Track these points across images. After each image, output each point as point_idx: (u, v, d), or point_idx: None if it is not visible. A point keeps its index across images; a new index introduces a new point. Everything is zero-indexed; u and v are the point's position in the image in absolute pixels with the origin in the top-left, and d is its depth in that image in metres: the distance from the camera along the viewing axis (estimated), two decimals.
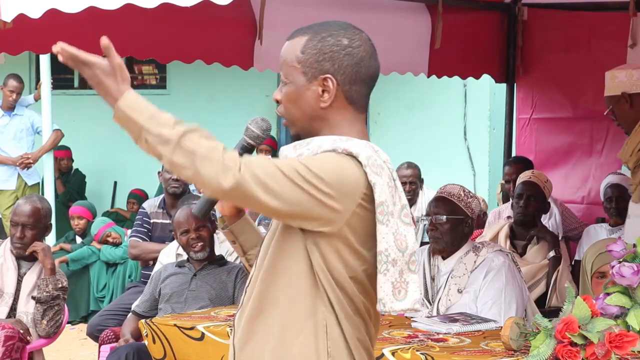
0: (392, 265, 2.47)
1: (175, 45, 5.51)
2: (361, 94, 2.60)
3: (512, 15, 7.16)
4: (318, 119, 2.58)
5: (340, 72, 2.55)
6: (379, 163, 2.51)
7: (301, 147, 2.55)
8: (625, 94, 4.83)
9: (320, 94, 2.56)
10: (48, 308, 5.37)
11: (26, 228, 5.46)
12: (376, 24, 6.32)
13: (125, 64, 2.52)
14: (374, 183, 2.46)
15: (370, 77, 2.61)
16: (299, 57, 2.57)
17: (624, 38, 6.45)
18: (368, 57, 2.60)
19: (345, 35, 2.58)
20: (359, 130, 2.61)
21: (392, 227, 2.47)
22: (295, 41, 2.59)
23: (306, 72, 2.56)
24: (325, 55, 2.55)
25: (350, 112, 2.59)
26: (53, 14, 3.37)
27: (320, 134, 2.58)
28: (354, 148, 2.48)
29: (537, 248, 5.85)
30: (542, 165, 7.36)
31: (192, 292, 5.22)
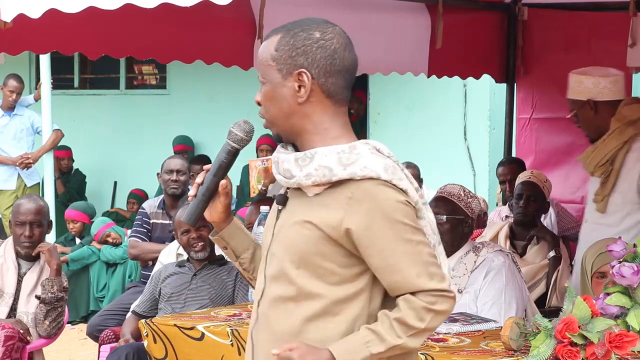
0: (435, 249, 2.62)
1: (175, 45, 5.50)
2: (338, 87, 2.59)
3: (512, 15, 7.16)
4: (297, 115, 2.58)
5: (314, 65, 2.55)
6: (392, 166, 2.53)
7: (306, 165, 2.54)
8: (590, 101, 4.87)
9: (297, 90, 2.56)
10: (52, 309, 5.37)
11: (34, 226, 5.46)
12: (376, 24, 6.32)
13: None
14: (405, 189, 2.52)
15: (346, 68, 2.59)
16: (273, 55, 2.58)
17: (624, 38, 6.45)
18: (342, 49, 2.58)
19: (318, 29, 2.58)
20: (341, 124, 2.61)
21: (426, 218, 2.60)
22: (270, 40, 2.61)
23: (281, 69, 2.57)
24: (298, 50, 2.55)
25: (329, 106, 2.59)
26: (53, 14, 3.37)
27: (302, 131, 2.58)
28: (370, 167, 2.50)
29: (537, 248, 5.85)
30: (542, 165, 7.36)
31: (192, 292, 5.22)
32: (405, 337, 2.49)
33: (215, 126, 11.87)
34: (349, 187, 2.50)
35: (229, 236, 2.83)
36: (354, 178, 2.48)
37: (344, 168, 2.49)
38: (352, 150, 2.53)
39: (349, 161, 2.50)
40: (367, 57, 6.42)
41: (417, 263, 2.51)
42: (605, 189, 4.85)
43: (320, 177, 2.50)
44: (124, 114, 12.28)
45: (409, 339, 2.49)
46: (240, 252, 2.85)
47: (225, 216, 2.80)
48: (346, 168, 2.49)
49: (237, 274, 5.23)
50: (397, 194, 2.51)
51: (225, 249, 2.86)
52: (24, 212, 5.47)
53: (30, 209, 5.48)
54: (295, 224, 2.56)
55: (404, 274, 2.50)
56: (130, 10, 3.53)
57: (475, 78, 7.36)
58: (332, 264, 2.53)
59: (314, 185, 2.53)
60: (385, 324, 2.49)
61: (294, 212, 2.59)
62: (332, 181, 2.50)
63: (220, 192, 2.71)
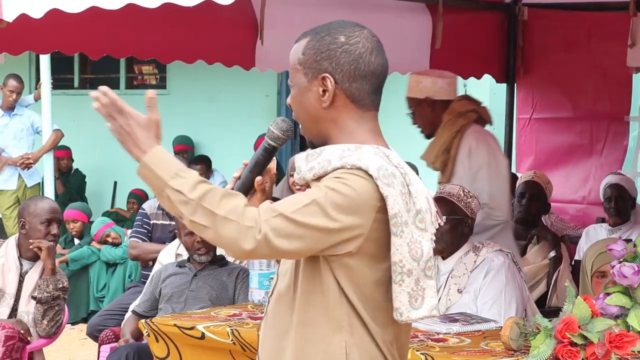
0: (408, 276, 2.48)
1: (176, 45, 5.51)
2: (363, 91, 2.57)
3: (513, 15, 7.17)
4: (324, 120, 2.57)
5: (339, 70, 2.54)
6: (390, 171, 2.49)
7: (312, 160, 2.55)
8: (428, 99, 5.18)
9: (321, 94, 2.55)
10: (49, 308, 5.37)
11: (59, 224, 5.58)
12: (376, 24, 6.25)
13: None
14: (386, 196, 2.45)
15: (371, 73, 2.57)
16: (300, 59, 2.58)
17: (624, 38, 6.46)
18: (368, 53, 2.56)
19: (343, 32, 2.56)
20: (368, 129, 2.60)
21: (406, 237, 2.47)
22: (299, 44, 2.61)
23: (307, 73, 2.57)
24: (323, 54, 2.55)
25: (354, 110, 2.57)
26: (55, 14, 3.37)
27: (330, 136, 2.58)
28: (364, 161, 2.46)
29: (538, 248, 5.85)
30: (543, 165, 7.37)
31: (193, 293, 5.22)
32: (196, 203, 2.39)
33: (215, 126, 11.88)
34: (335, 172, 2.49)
35: None
36: (344, 167, 2.47)
37: (340, 159, 2.49)
38: (357, 148, 2.52)
39: (347, 155, 2.50)
40: None
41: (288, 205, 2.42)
42: (445, 176, 5.16)
43: (319, 169, 2.51)
44: None
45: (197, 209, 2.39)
46: None
47: None
48: (342, 159, 2.49)
49: (237, 275, 5.23)
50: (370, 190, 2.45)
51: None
52: (49, 210, 5.54)
53: (54, 207, 5.59)
54: None
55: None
56: (132, 11, 3.54)
57: (476, 78, 7.36)
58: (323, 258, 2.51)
59: (314, 178, 2.53)
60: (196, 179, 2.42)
61: None
62: (327, 172, 2.50)
63: (256, 188, 2.71)
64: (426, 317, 2.52)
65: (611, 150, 7.16)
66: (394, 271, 2.48)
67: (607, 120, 7.17)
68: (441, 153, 5.16)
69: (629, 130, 7.19)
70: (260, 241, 2.38)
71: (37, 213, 5.51)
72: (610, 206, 6.46)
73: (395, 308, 2.49)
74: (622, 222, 6.46)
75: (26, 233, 5.50)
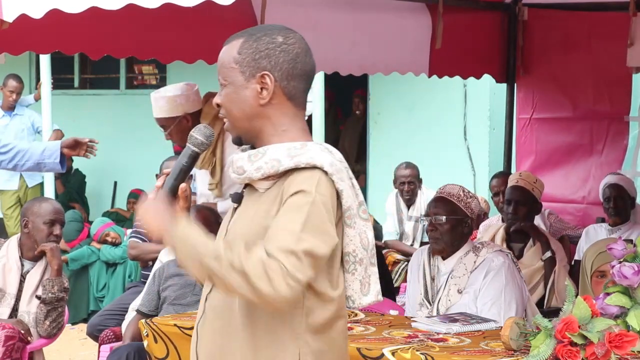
0: (360, 265, 2.62)
1: (176, 45, 5.51)
2: (299, 90, 2.65)
3: (513, 15, 7.17)
4: (259, 117, 2.63)
5: (277, 69, 2.61)
6: (338, 166, 2.58)
7: (257, 160, 2.59)
8: (187, 115, 5.41)
9: (259, 92, 2.62)
10: (52, 309, 5.38)
11: (62, 225, 5.58)
12: (376, 24, 6.33)
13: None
14: (341, 190, 2.56)
15: (306, 73, 2.66)
16: (236, 58, 2.63)
17: (624, 38, 6.46)
18: (303, 54, 2.65)
19: (280, 33, 2.64)
20: (300, 127, 2.67)
21: (357, 228, 2.60)
22: (232, 44, 2.66)
23: (244, 71, 2.62)
24: (262, 53, 2.61)
25: (290, 108, 2.65)
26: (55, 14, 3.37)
27: (262, 132, 2.64)
28: (317, 159, 2.54)
29: (534, 250, 5.84)
30: (542, 165, 7.37)
31: (196, 297, 5.20)
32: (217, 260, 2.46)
33: None
34: (292, 176, 2.55)
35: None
36: (298, 166, 2.54)
37: (291, 159, 2.55)
38: (302, 146, 2.59)
39: (297, 153, 2.56)
40: (368, 57, 6.45)
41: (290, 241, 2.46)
42: (215, 177, 5.45)
43: (268, 169, 2.57)
44: (124, 114, 12.28)
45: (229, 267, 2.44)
46: None
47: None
48: (293, 158, 2.55)
49: None
50: (328, 189, 2.53)
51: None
52: (53, 211, 5.55)
53: (58, 208, 5.61)
54: (245, 219, 2.63)
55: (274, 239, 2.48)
56: (132, 11, 3.54)
57: (476, 78, 7.37)
58: None
59: (263, 177, 2.58)
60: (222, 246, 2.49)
61: (246, 209, 2.66)
62: (279, 172, 2.56)
63: (179, 196, 2.74)
64: (374, 302, 2.64)
65: (611, 150, 7.16)
66: (346, 261, 2.61)
67: (607, 120, 7.17)
68: (208, 156, 5.43)
69: (628, 130, 7.19)
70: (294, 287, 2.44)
71: (41, 213, 5.53)
72: (610, 206, 6.46)
73: (348, 296, 2.64)
74: (621, 222, 6.46)
75: (29, 232, 5.51)
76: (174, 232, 2.53)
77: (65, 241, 9.24)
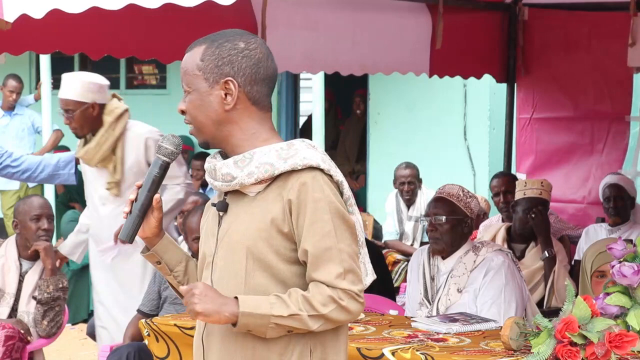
0: (362, 248, 2.70)
1: (177, 45, 5.46)
2: (263, 94, 2.67)
3: (513, 15, 7.18)
4: (225, 122, 2.65)
5: (240, 74, 2.63)
6: (328, 160, 2.64)
7: (246, 166, 2.61)
8: (95, 104, 5.52)
9: (224, 97, 2.64)
10: (49, 309, 5.38)
11: (49, 219, 5.55)
12: (377, 24, 6.33)
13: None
14: (340, 182, 2.64)
15: (269, 77, 2.68)
16: (199, 65, 2.65)
17: (624, 38, 6.46)
18: (265, 59, 2.67)
19: (241, 39, 2.66)
20: (269, 128, 2.69)
21: (356, 214, 2.68)
22: (194, 51, 2.67)
23: (207, 78, 2.64)
24: (224, 59, 2.63)
25: (255, 112, 2.67)
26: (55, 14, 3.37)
27: (231, 137, 2.66)
28: (310, 158, 2.58)
29: (536, 251, 5.84)
30: (542, 165, 7.37)
31: None
32: (305, 313, 2.55)
33: None
34: (291, 178, 2.58)
35: (163, 250, 2.85)
36: (295, 169, 2.57)
37: (284, 161, 2.58)
38: (290, 146, 2.62)
39: (288, 155, 2.59)
40: (368, 57, 6.45)
41: (337, 261, 2.58)
42: (115, 175, 5.56)
43: (262, 173, 2.58)
44: None
45: (309, 318, 2.56)
46: (174, 265, 2.86)
47: (158, 231, 2.82)
48: (287, 161, 2.58)
49: None
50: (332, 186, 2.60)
51: (159, 264, 2.86)
52: (37, 206, 5.55)
53: (43, 203, 5.60)
54: (240, 226, 2.63)
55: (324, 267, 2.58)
56: (133, 11, 3.54)
57: (477, 78, 7.37)
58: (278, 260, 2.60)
59: (256, 182, 2.60)
60: (292, 296, 2.57)
61: (237, 216, 2.65)
62: (274, 175, 2.58)
63: (154, 207, 2.75)
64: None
65: (612, 150, 7.16)
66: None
67: (608, 120, 7.17)
68: (108, 154, 5.55)
69: (629, 129, 7.20)
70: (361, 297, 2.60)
71: (26, 210, 5.54)
72: (610, 206, 6.46)
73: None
74: (621, 222, 6.46)
75: (20, 232, 5.52)
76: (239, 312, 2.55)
77: None
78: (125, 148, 5.56)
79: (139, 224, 2.75)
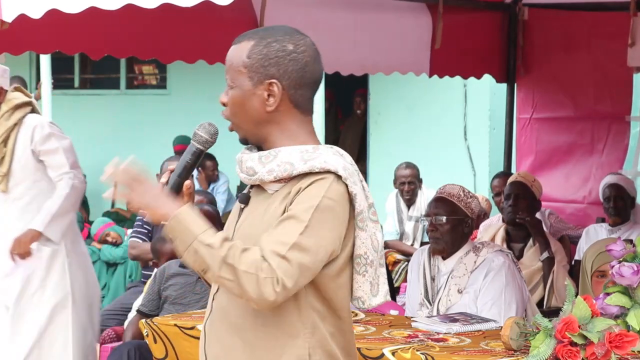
0: (370, 267, 2.62)
1: (177, 45, 5.51)
2: (306, 98, 2.65)
3: (513, 15, 7.17)
4: (265, 122, 2.63)
5: (286, 77, 2.60)
6: (351, 170, 2.59)
7: (269, 162, 2.59)
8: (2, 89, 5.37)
9: (266, 98, 2.60)
10: None
11: None
12: (377, 24, 6.33)
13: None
14: (354, 194, 2.56)
15: (314, 81, 2.66)
16: (245, 62, 2.61)
17: (624, 38, 6.46)
18: (312, 62, 2.64)
19: (291, 40, 2.62)
20: (308, 131, 2.67)
21: (368, 231, 2.60)
22: (242, 46, 2.64)
23: (252, 77, 2.61)
24: (271, 60, 2.59)
25: (296, 115, 2.64)
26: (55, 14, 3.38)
27: (270, 137, 2.63)
28: (330, 163, 2.54)
29: (534, 250, 5.83)
30: (542, 165, 7.37)
31: (197, 296, 5.20)
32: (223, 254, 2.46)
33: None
34: (304, 178, 2.55)
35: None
36: (312, 171, 2.54)
37: (304, 162, 2.55)
38: (315, 150, 2.60)
39: (310, 157, 2.57)
40: (369, 57, 6.45)
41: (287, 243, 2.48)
42: (3, 168, 5.37)
43: (281, 172, 2.56)
44: (124, 114, 12.28)
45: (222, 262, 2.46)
46: None
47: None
48: (307, 162, 2.55)
49: None
50: (343, 195, 2.54)
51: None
52: None
53: None
54: (254, 220, 2.62)
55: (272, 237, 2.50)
56: (132, 11, 3.54)
57: (477, 78, 7.37)
58: None
59: (275, 180, 2.58)
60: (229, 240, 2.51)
61: (254, 209, 2.65)
62: (292, 175, 2.56)
63: (184, 193, 2.73)
64: (382, 302, 2.66)
65: (612, 150, 7.16)
66: (357, 263, 2.61)
67: (608, 120, 7.17)
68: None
69: (629, 129, 7.20)
70: (280, 292, 2.46)
71: None
72: (610, 206, 6.46)
73: (358, 297, 2.64)
74: (621, 221, 6.46)
75: None
76: (175, 213, 2.52)
77: None
78: (17, 140, 5.40)
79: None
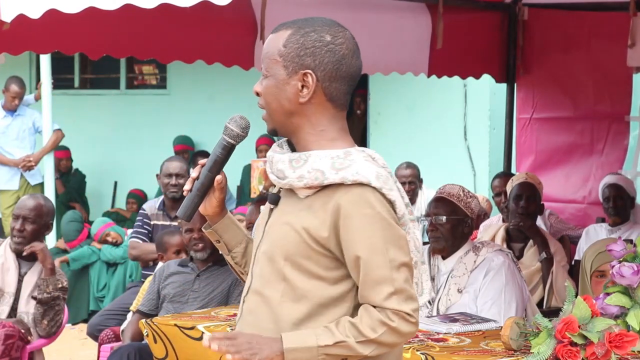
0: (415, 268, 2.60)
1: (176, 45, 5.51)
2: (341, 92, 2.60)
3: (513, 15, 7.17)
4: (296, 114, 2.59)
5: (321, 69, 2.55)
6: (384, 175, 2.55)
7: (299, 167, 2.54)
8: None
9: (300, 89, 2.57)
10: (48, 308, 5.37)
11: (27, 221, 5.49)
12: (376, 24, 6.32)
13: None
14: (393, 201, 2.53)
15: (351, 75, 2.60)
16: (281, 51, 2.58)
17: (624, 38, 6.46)
18: (350, 56, 2.59)
19: (329, 31, 2.58)
20: (339, 128, 2.63)
21: (411, 233, 2.58)
22: (279, 35, 2.60)
23: (287, 66, 2.57)
24: (307, 50, 2.55)
25: (329, 109, 2.60)
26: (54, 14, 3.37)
27: (300, 130, 2.59)
28: (362, 173, 2.50)
29: (534, 250, 5.84)
30: (542, 165, 7.37)
31: (195, 294, 5.21)
32: (353, 340, 2.48)
33: (215, 126, 11.81)
34: (339, 191, 2.51)
35: (223, 230, 2.83)
36: (344, 182, 2.49)
37: (336, 172, 2.51)
38: (346, 156, 2.55)
39: (342, 166, 2.52)
40: (368, 57, 6.39)
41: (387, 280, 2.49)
42: None
43: (312, 179, 2.52)
44: (124, 114, 12.28)
45: (358, 344, 2.48)
46: (233, 246, 2.84)
47: (220, 210, 2.80)
48: (338, 172, 2.50)
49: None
50: (384, 204, 2.52)
51: (218, 243, 2.85)
52: (20, 206, 5.55)
53: (28, 204, 5.54)
54: (284, 224, 2.57)
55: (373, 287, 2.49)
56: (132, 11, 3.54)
57: (476, 78, 7.37)
58: (317, 267, 2.54)
59: (305, 187, 2.54)
60: (340, 324, 2.50)
61: (284, 212, 2.60)
62: (323, 184, 2.51)
63: (215, 187, 2.72)
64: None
65: (612, 150, 7.16)
66: None
67: (608, 120, 7.17)
68: None
69: (629, 130, 7.20)
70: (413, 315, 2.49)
71: (14, 208, 5.58)
72: (609, 206, 6.46)
73: None
74: (621, 221, 6.47)
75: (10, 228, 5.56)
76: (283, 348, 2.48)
77: (65, 241, 9.26)
78: None
79: (198, 203, 2.73)
